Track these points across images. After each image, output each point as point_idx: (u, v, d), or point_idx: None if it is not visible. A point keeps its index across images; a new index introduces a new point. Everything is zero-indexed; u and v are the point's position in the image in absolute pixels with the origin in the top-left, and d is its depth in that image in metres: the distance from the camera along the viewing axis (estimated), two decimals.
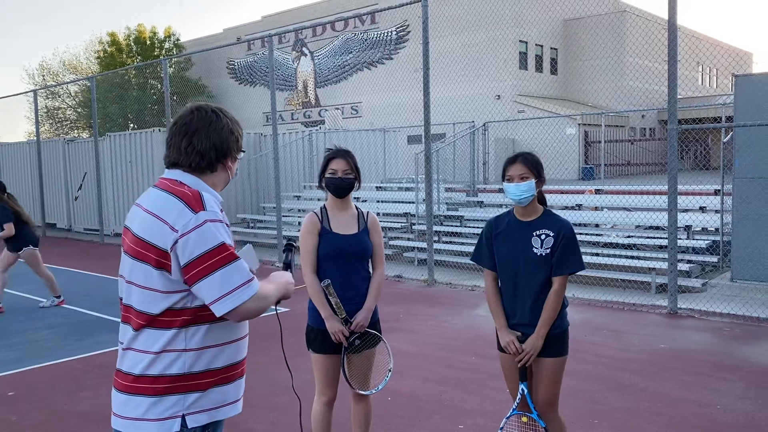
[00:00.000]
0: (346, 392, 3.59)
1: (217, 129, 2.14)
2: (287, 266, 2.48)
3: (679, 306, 7.23)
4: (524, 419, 3.13)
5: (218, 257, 1.94)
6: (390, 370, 3.46)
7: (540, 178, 3.13)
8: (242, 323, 2.15)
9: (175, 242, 1.94)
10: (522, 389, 3.14)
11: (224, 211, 2.14)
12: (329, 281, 3.23)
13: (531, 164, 3.11)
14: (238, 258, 2.01)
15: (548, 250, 3.07)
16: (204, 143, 2.11)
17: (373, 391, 3.47)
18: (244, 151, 2.29)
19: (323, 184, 3.46)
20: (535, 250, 3.09)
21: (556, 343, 3.12)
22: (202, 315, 2.02)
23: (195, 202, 1.98)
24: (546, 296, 3.08)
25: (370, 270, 3.51)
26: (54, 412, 4.83)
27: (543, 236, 3.09)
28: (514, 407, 3.17)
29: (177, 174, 2.11)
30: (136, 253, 2.01)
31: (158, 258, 1.96)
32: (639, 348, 5.98)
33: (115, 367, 2.12)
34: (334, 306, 3.28)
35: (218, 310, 1.96)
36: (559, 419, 3.24)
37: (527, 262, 3.10)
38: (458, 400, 4.80)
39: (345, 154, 3.44)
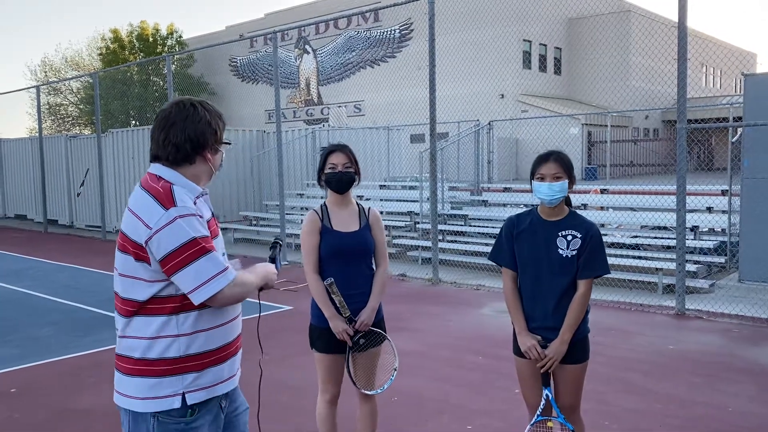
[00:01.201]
0: (351, 393, 3.52)
1: (194, 121, 2.19)
2: (272, 260, 2.53)
3: (686, 307, 7.17)
4: (550, 424, 3.04)
5: (190, 252, 2.04)
6: (395, 370, 3.40)
7: (571, 179, 3.02)
8: (231, 306, 2.24)
9: (150, 237, 2.06)
10: (546, 394, 3.04)
11: (208, 198, 2.25)
12: (332, 280, 3.18)
13: (565, 164, 3.01)
14: (211, 250, 2.09)
15: (575, 252, 2.96)
16: (179, 136, 2.18)
17: (379, 391, 3.41)
18: (228, 143, 2.34)
19: (323, 181, 3.40)
20: (560, 251, 2.97)
21: (579, 349, 3.03)
22: (189, 303, 2.12)
23: (166, 199, 2.08)
24: (568, 299, 2.97)
25: (374, 267, 3.45)
26: (56, 409, 4.78)
27: (570, 237, 2.98)
28: (538, 413, 3.07)
29: (156, 168, 2.20)
30: (122, 246, 2.15)
31: (136, 251, 2.09)
32: (647, 349, 5.92)
33: (115, 353, 2.23)
34: (338, 305, 3.23)
35: (196, 299, 2.08)
36: (581, 420, 3.18)
37: (551, 262, 2.99)
38: (465, 400, 4.74)
39: (343, 148, 3.40)
